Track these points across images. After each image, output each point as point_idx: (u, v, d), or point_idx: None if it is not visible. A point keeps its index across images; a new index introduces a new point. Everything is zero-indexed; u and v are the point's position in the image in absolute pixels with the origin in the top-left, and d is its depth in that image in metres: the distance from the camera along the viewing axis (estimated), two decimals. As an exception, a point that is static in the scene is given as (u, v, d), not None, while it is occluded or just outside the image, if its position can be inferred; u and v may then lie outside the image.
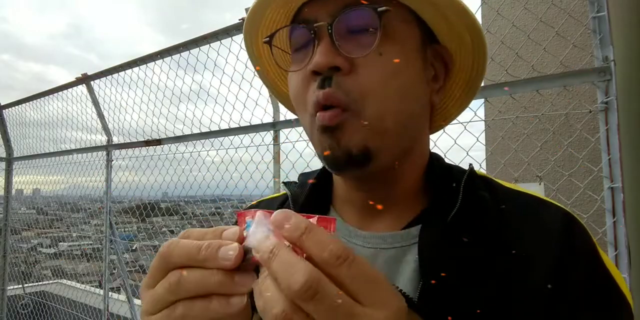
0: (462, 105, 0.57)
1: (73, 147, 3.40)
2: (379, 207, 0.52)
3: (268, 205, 0.65)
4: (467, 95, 0.56)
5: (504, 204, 0.48)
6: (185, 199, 2.95)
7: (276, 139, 1.95)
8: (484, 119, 1.50)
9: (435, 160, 0.55)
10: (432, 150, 0.56)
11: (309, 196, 0.56)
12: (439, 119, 0.59)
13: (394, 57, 0.46)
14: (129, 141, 2.80)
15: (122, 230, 3.33)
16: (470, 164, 0.53)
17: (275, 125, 1.94)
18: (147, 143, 2.61)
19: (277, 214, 0.31)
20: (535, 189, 1.33)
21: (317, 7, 0.47)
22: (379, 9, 0.44)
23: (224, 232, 0.33)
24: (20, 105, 3.79)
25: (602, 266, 0.44)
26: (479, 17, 1.62)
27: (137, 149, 2.78)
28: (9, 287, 3.94)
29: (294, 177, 0.66)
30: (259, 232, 0.32)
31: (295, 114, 0.65)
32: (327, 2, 0.47)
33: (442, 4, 0.47)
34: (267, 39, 0.51)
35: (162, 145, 2.57)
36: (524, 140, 1.53)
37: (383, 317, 0.29)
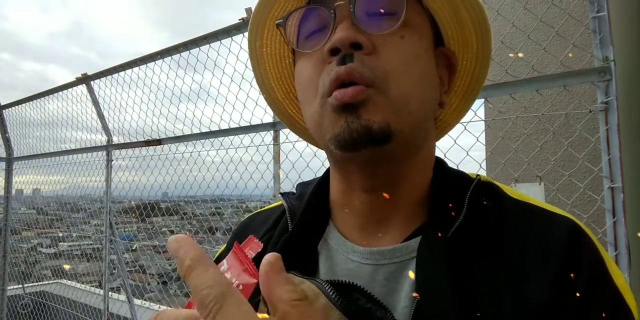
0: (459, 115, 0.57)
1: (73, 147, 3.40)
2: (381, 212, 0.49)
3: (266, 217, 0.60)
4: (465, 104, 0.56)
5: (509, 217, 0.45)
6: (185, 199, 2.95)
7: (276, 139, 1.95)
8: (484, 119, 1.50)
9: (441, 167, 0.51)
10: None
11: (307, 209, 0.53)
12: (437, 128, 0.57)
13: (415, 43, 0.45)
14: (129, 141, 2.80)
15: (122, 230, 3.33)
16: (478, 175, 0.50)
17: (275, 125, 1.94)
18: (147, 143, 2.61)
19: None
20: (535, 189, 1.33)
21: None
22: None
23: None
24: (20, 105, 3.79)
25: (609, 281, 0.40)
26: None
27: (137, 149, 2.78)
28: (9, 287, 3.94)
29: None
30: None
31: (283, 120, 0.62)
32: None
33: None
34: (281, 20, 0.48)
35: (162, 145, 2.57)
36: (524, 140, 1.53)
37: None
